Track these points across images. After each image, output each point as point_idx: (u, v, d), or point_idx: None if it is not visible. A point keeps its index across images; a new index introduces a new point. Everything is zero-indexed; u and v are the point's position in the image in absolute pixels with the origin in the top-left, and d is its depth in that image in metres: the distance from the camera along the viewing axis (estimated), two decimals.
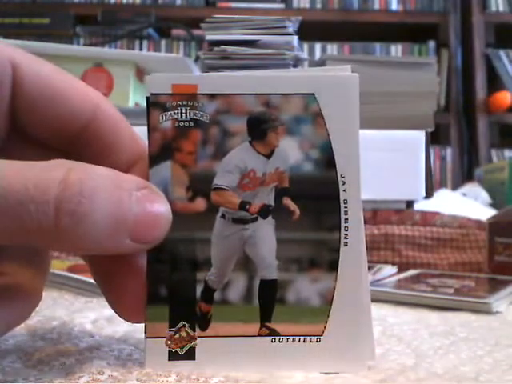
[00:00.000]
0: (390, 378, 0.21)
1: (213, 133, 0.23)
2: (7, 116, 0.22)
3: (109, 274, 0.22)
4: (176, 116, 0.22)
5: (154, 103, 0.22)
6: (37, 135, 0.22)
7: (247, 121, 0.23)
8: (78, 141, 0.23)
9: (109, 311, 0.30)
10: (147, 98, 0.22)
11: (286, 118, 0.23)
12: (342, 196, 0.22)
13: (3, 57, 0.21)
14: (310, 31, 1.57)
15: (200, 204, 0.22)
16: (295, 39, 0.66)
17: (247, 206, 0.22)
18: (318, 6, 2.15)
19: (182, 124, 0.22)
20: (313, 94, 0.23)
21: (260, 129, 0.23)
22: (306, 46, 2.11)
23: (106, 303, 0.22)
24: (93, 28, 2.06)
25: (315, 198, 0.22)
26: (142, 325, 0.22)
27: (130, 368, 0.21)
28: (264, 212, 0.22)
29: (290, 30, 0.67)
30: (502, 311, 0.34)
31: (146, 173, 0.22)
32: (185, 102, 0.22)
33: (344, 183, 0.22)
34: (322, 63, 0.66)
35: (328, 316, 0.22)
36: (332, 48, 2.16)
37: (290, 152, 0.23)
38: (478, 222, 0.52)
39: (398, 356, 0.24)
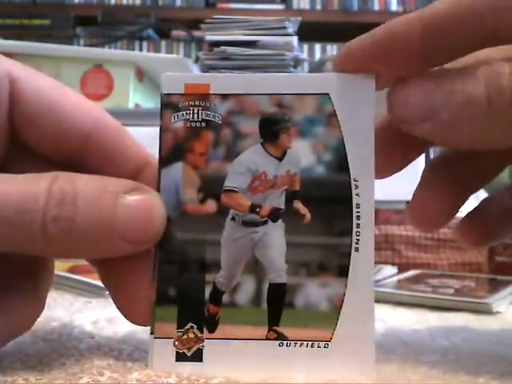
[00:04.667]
0: (390, 379, 0.21)
1: (224, 134, 0.23)
2: (7, 131, 0.22)
3: (115, 277, 0.23)
4: (188, 116, 0.22)
5: (167, 103, 0.22)
6: (38, 150, 0.23)
7: (259, 122, 0.22)
8: (79, 153, 0.23)
9: (109, 312, 0.30)
10: (161, 98, 0.23)
11: (299, 118, 0.22)
12: (355, 200, 0.22)
13: (1, 71, 0.21)
14: (310, 32, 1.57)
15: (210, 206, 0.22)
16: (295, 40, 0.67)
17: (257, 209, 0.22)
18: (318, 6, 2.15)
19: (193, 124, 0.22)
20: (327, 94, 0.22)
21: (272, 130, 0.22)
22: (305, 46, 2.12)
23: (106, 304, 0.23)
24: (93, 29, 2.06)
25: (327, 202, 0.22)
26: (143, 326, 0.22)
27: (130, 369, 0.21)
28: (274, 215, 0.22)
29: (290, 30, 0.67)
30: (502, 311, 0.34)
31: (153, 178, 0.22)
32: (197, 102, 0.22)
33: (357, 187, 0.22)
34: (322, 64, 0.66)
35: (337, 322, 0.21)
36: (332, 49, 2.16)
37: (302, 154, 0.22)
38: None
39: (398, 357, 0.24)
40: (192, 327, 0.21)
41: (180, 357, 0.21)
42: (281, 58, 0.64)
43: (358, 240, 0.22)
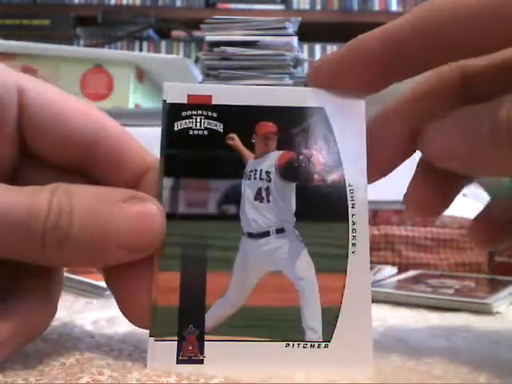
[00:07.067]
0: (390, 379, 0.21)
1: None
2: (16, 141, 0.22)
3: (118, 279, 0.23)
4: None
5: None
6: (46, 158, 0.23)
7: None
8: (85, 160, 0.23)
9: (109, 312, 0.30)
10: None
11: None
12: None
13: (9, 82, 0.22)
14: (310, 32, 1.57)
15: None
16: (295, 40, 0.66)
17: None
18: (318, 7, 2.15)
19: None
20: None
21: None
22: (305, 46, 2.12)
23: (107, 304, 0.23)
24: (93, 29, 2.06)
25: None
26: (143, 328, 0.22)
27: (130, 369, 0.21)
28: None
29: (290, 30, 0.67)
30: (501, 312, 0.34)
31: (154, 183, 0.23)
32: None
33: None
34: None
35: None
36: (332, 49, 2.16)
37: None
38: None
39: (398, 357, 0.24)
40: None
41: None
42: (281, 58, 0.64)
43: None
